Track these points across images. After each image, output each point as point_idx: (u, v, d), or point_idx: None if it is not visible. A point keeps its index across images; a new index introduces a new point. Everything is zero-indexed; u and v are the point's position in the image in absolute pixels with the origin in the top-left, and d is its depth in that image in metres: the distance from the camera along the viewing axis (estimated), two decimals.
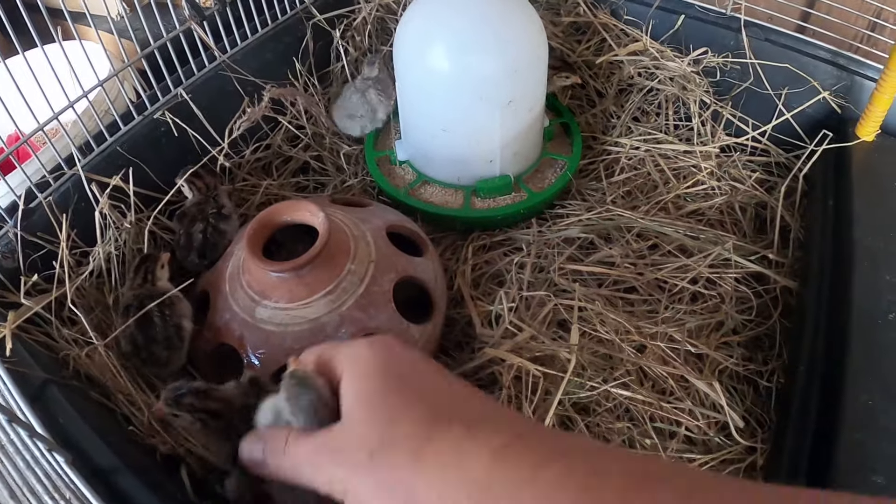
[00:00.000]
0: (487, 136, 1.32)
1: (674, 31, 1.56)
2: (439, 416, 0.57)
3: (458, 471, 0.52)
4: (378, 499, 0.55)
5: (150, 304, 1.03)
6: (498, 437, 0.53)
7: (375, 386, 0.61)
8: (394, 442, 0.56)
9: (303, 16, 1.58)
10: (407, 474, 0.54)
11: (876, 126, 1.33)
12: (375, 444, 0.57)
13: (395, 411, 0.58)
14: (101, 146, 1.22)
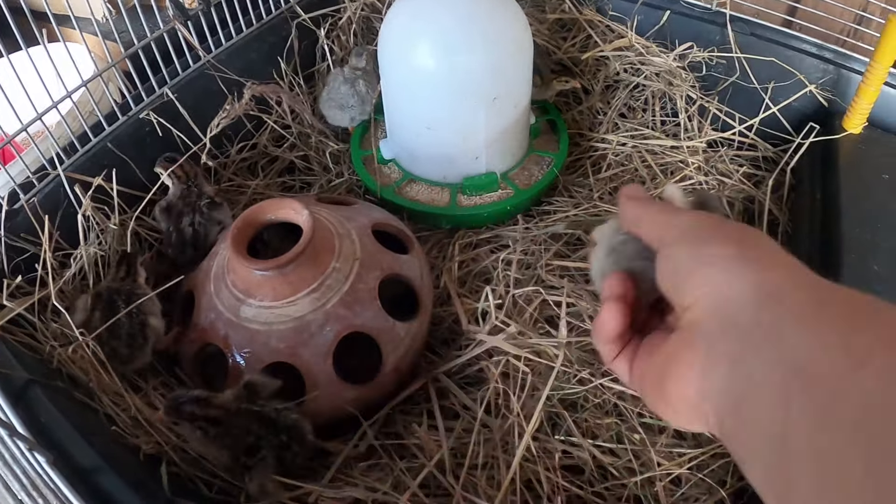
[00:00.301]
0: (473, 133, 1.32)
1: (659, 26, 1.56)
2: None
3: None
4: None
5: (119, 299, 1.03)
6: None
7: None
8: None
9: (287, 15, 1.58)
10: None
11: (863, 118, 1.33)
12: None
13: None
14: (85, 147, 1.22)
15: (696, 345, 0.49)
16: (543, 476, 0.96)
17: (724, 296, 0.47)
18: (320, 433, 1.00)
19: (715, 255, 0.49)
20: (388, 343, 1.03)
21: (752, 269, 0.47)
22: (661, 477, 0.98)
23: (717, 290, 0.48)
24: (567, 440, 1.02)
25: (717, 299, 0.48)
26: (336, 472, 0.98)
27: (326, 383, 0.99)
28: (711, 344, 0.48)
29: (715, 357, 0.47)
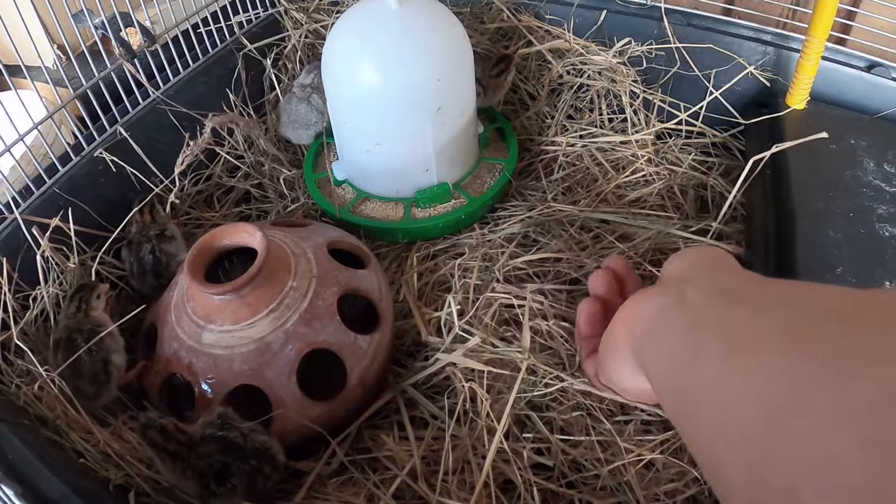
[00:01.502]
0: (421, 146, 1.33)
1: (597, 26, 1.59)
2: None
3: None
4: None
5: (79, 337, 1.03)
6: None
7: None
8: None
9: (233, 47, 1.60)
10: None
11: (805, 94, 1.37)
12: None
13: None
14: (40, 189, 1.23)
15: (650, 288, 0.69)
16: (516, 475, 0.96)
17: (686, 270, 0.67)
18: (290, 453, 1.01)
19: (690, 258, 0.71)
20: (351, 357, 1.04)
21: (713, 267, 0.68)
22: (633, 463, 0.99)
23: (683, 269, 0.71)
24: (537, 438, 1.03)
25: (680, 272, 0.71)
26: (308, 490, 0.99)
27: (292, 401, 1.00)
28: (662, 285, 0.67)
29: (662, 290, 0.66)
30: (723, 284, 0.59)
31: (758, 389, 0.45)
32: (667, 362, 0.59)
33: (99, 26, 1.35)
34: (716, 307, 0.56)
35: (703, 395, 0.51)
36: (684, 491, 0.97)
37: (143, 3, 1.43)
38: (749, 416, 0.45)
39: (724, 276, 0.60)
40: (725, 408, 0.48)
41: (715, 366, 0.51)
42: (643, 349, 0.63)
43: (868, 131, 1.32)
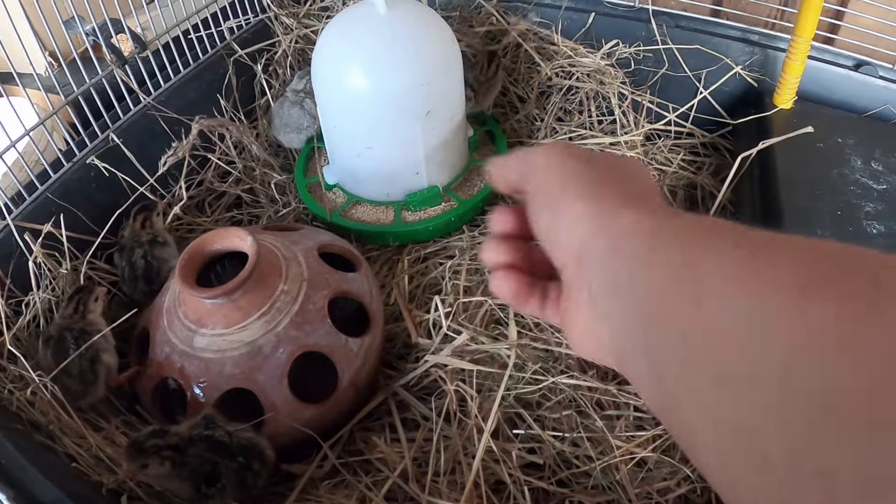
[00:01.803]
0: (411, 149, 1.34)
1: (586, 29, 1.60)
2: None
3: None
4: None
5: (69, 336, 1.05)
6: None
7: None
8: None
9: (224, 53, 1.60)
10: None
11: (792, 93, 1.38)
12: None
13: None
14: (32, 195, 1.23)
15: (576, 299, 0.52)
16: (506, 473, 0.97)
17: (584, 255, 0.50)
18: (282, 456, 1.02)
19: (570, 219, 0.52)
20: (342, 359, 1.05)
21: (603, 225, 0.50)
22: (625, 462, 0.99)
23: (577, 252, 0.51)
24: (527, 436, 1.04)
25: (578, 258, 0.51)
26: (300, 493, 1.00)
27: (284, 404, 1.01)
28: (585, 297, 0.51)
29: (595, 308, 0.50)
30: (637, 287, 0.50)
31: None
32: (641, 331, 0.50)
33: (90, 33, 1.35)
34: (705, 250, 0.48)
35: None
36: (676, 489, 0.97)
37: (134, 10, 1.44)
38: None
39: (624, 258, 0.51)
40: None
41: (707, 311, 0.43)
42: (608, 311, 0.53)
43: (855, 129, 1.34)
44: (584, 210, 0.51)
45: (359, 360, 1.07)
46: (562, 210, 0.53)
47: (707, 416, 0.39)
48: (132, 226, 1.26)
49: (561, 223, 0.52)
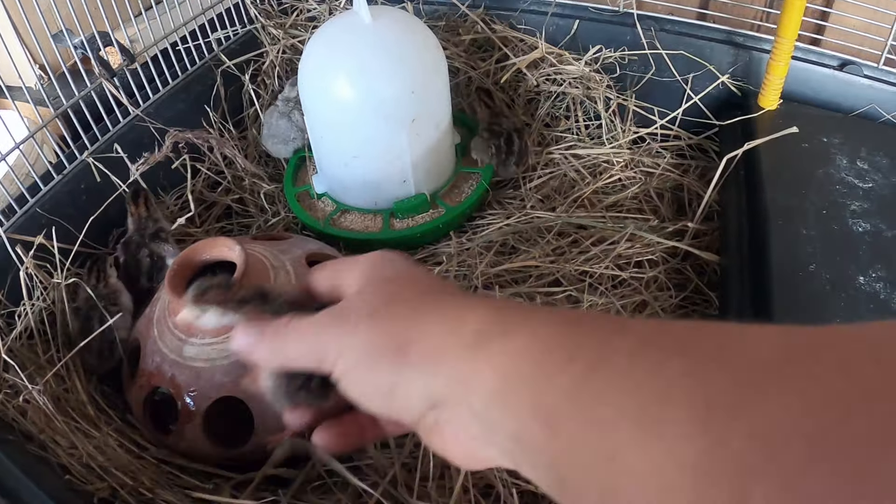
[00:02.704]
0: (398, 157, 1.35)
1: (571, 35, 1.61)
2: (440, 290, 0.56)
3: (456, 322, 0.49)
4: (369, 355, 0.51)
5: (95, 314, 1.13)
6: (494, 302, 0.51)
7: (380, 273, 0.58)
8: (395, 302, 0.53)
9: (212, 64, 1.61)
10: (403, 325, 0.51)
11: (776, 94, 1.40)
12: (379, 304, 0.53)
13: (397, 286, 0.55)
14: (23, 207, 1.24)
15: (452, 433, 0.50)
16: (497, 478, 0.97)
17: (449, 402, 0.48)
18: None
19: (392, 380, 0.50)
20: None
21: (419, 374, 0.48)
22: None
23: (419, 405, 0.49)
24: None
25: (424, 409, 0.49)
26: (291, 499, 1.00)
27: (273, 412, 1.00)
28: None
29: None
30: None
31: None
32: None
33: (79, 46, 1.36)
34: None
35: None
36: None
37: (122, 23, 1.45)
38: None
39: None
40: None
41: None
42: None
43: (841, 129, 1.35)
44: (404, 363, 0.49)
45: None
46: (382, 374, 0.50)
47: None
48: (136, 212, 1.29)
49: (394, 388, 0.50)
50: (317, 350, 0.54)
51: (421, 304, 0.52)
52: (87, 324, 1.13)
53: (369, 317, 0.52)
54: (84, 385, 1.11)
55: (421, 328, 0.49)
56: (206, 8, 1.65)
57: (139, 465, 0.99)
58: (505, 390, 0.43)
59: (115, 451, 1.00)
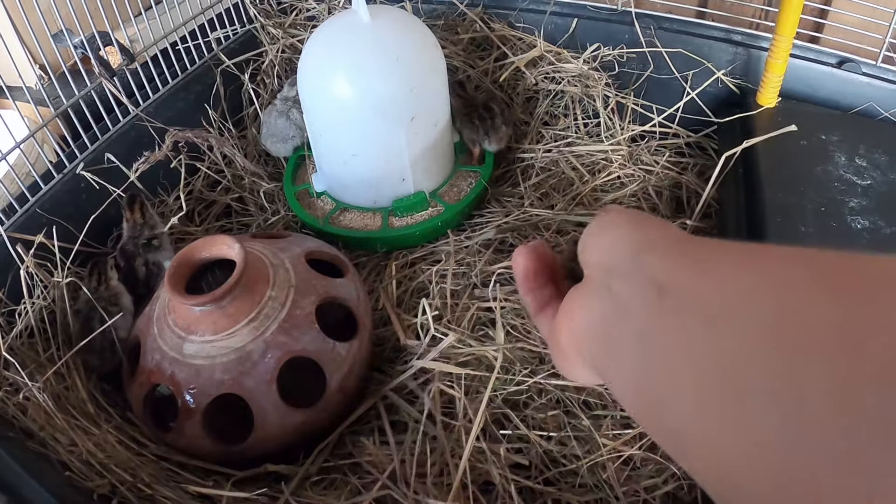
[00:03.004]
0: (396, 155, 1.36)
1: (570, 34, 1.61)
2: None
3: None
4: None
5: (96, 315, 1.14)
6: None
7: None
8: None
9: (211, 63, 1.62)
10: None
11: (775, 92, 1.40)
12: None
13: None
14: (23, 206, 1.25)
15: (582, 290, 0.54)
16: (494, 473, 0.98)
17: (608, 254, 0.52)
18: (271, 459, 1.03)
19: (608, 233, 0.54)
20: (330, 364, 1.06)
21: (633, 235, 0.52)
22: (612, 460, 1.00)
23: (604, 253, 0.53)
24: (514, 435, 1.05)
25: (602, 257, 0.53)
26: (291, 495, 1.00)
27: (273, 409, 1.02)
28: (594, 284, 0.53)
29: (595, 291, 0.53)
30: (651, 268, 0.52)
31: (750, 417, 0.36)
32: (625, 383, 0.51)
33: (78, 46, 1.36)
34: (648, 303, 0.49)
35: (690, 435, 0.42)
36: (663, 487, 0.98)
37: (122, 23, 1.45)
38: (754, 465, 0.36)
39: (648, 255, 0.53)
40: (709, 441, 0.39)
41: (693, 399, 0.41)
42: (597, 364, 0.55)
43: (839, 126, 1.35)
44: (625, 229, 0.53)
45: (347, 364, 1.08)
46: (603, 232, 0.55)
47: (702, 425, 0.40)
48: (131, 218, 1.28)
49: (600, 236, 0.55)
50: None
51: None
52: (88, 325, 1.14)
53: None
54: (84, 383, 1.12)
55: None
56: (206, 7, 1.65)
57: (139, 462, 0.99)
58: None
59: (115, 448, 1.00)
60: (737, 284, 0.41)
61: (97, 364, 1.15)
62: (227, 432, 1.05)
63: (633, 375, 0.47)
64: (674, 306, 0.45)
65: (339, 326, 1.13)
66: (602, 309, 0.52)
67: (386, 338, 1.23)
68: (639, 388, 0.47)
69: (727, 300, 0.41)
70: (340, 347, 1.08)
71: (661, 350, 0.44)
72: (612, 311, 0.51)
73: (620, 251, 0.52)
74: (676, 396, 0.42)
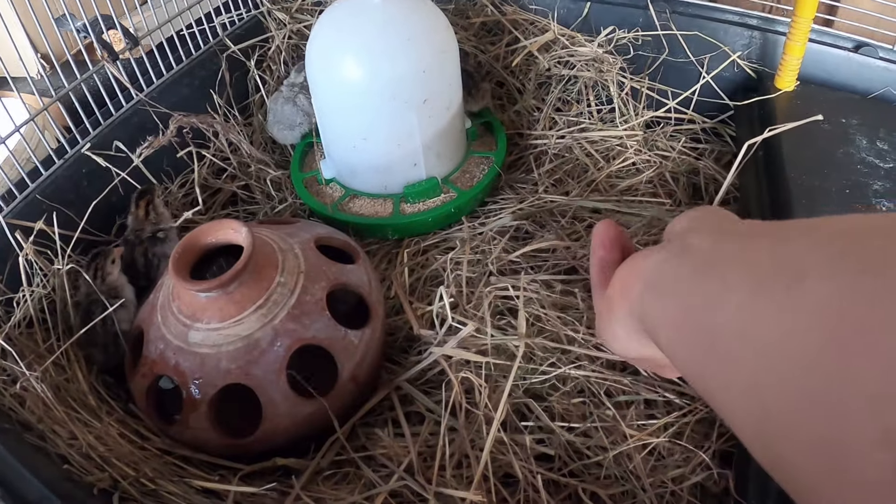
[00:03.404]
0: (408, 139, 1.32)
1: (583, 17, 1.58)
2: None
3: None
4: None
5: (97, 308, 1.09)
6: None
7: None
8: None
9: (217, 49, 1.59)
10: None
11: (794, 75, 1.37)
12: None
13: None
14: (23, 192, 1.22)
15: (650, 248, 0.62)
16: (517, 465, 0.94)
17: (696, 222, 0.60)
18: (280, 454, 1.00)
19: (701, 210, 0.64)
20: (341, 352, 1.02)
21: (724, 219, 0.60)
22: (637, 450, 0.97)
23: (693, 221, 0.61)
24: (537, 426, 1.01)
25: (690, 224, 0.61)
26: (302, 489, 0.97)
27: (282, 400, 0.98)
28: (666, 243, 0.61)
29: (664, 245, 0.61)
30: (731, 228, 0.55)
31: (809, 317, 0.37)
32: (676, 314, 0.52)
33: (81, 30, 1.33)
34: (729, 244, 0.49)
35: (731, 342, 0.43)
36: (690, 477, 0.95)
37: (128, 12, 1.42)
38: (803, 350, 0.37)
39: (730, 224, 0.56)
40: (766, 350, 0.40)
41: (740, 303, 0.43)
42: (645, 307, 0.57)
43: (859, 110, 1.32)
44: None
45: (359, 352, 1.04)
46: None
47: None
48: (136, 213, 1.25)
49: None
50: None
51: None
52: (89, 318, 1.10)
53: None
54: (85, 375, 1.08)
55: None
56: None
57: (142, 456, 0.96)
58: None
59: (117, 442, 0.97)
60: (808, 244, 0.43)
61: (101, 359, 1.11)
62: (234, 424, 1.01)
63: (682, 306, 0.51)
64: (737, 240, 0.51)
65: (351, 314, 1.09)
66: (666, 254, 0.58)
67: (398, 327, 1.20)
68: (687, 313, 0.50)
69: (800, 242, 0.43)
70: (352, 335, 1.04)
71: (722, 264, 0.49)
72: (677, 252, 0.56)
73: (708, 222, 0.58)
74: (725, 299, 0.45)
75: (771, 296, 0.41)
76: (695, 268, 0.51)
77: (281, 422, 0.98)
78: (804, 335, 0.37)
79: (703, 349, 0.47)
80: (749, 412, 0.41)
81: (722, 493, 0.95)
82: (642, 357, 0.72)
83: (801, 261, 0.41)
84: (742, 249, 0.49)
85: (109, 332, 1.10)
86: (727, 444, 0.98)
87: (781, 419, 0.38)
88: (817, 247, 0.41)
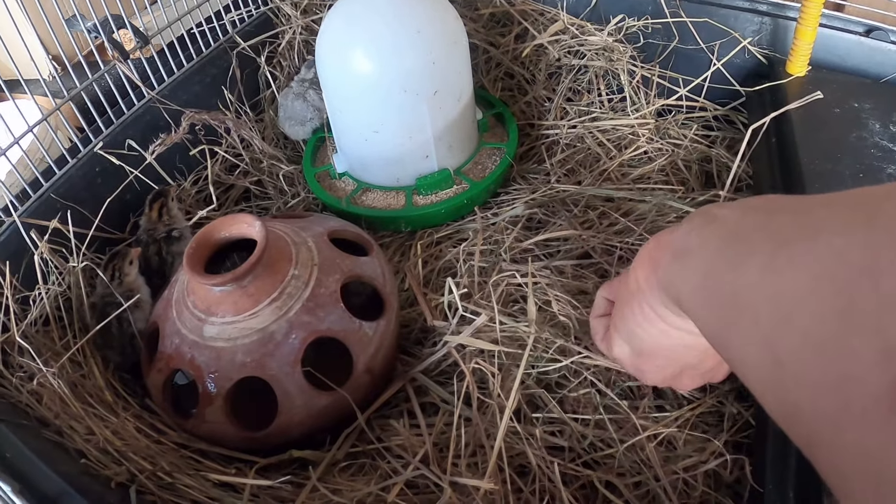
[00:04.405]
0: (419, 130, 1.33)
1: (592, 7, 1.58)
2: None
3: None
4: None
5: (112, 310, 1.10)
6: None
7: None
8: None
9: (227, 46, 1.59)
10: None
11: (805, 60, 1.36)
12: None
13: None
14: (37, 192, 1.22)
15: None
16: (531, 455, 0.94)
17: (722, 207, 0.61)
18: (296, 446, 1.00)
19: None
20: (356, 344, 1.02)
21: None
22: (649, 439, 0.97)
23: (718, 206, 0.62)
24: (548, 418, 1.01)
25: (716, 208, 0.61)
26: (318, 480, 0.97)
27: (298, 392, 0.98)
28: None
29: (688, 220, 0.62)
30: (757, 204, 0.56)
31: (823, 267, 0.40)
32: (701, 275, 0.53)
33: (91, 30, 1.34)
34: (754, 217, 0.52)
35: (751, 298, 0.46)
36: (703, 465, 0.95)
37: (137, 10, 1.43)
38: (817, 298, 0.40)
39: (758, 201, 0.57)
40: (783, 302, 0.43)
41: (762, 263, 0.46)
42: (671, 276, 0.59)
43: (871, 94, 1.31)
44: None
45: (374, 344, 1.04)
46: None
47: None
48: (149, 214, 1.26)
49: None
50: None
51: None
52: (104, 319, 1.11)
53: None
54: (102, 371, 1.09)
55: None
56: None
57: (158, 450, 0.97)
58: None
59: (134, 436, 0.97)
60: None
61: (118, 360, 1.12)
62: (249, 417, 1.01)
63: (707, 268, 0.54)
64: (763, 214, 0.52)
65: (365, 306, 1.09)
66: (693, 225, 0.59)
67: (413, 319, 1.20)
68: (712, 274, 0.53)
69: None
70: (367, 327, 1.04)
71: (748, 232, 0.50)
72: (703, 223, 0.58)
73: (737, 202, 0.59)
74: (749, 261, 0.48)
75: (790, 254, 0.44)
76: (721, 236, 0.54)
77: (296, 414, 0.98)
78: (817, 283, 0.40)
79: (725, 306, 0.50)
80: (763, 363, 0.44)
81: (735, 481, 0.94)
82: (660, 347, 0.73)
83: (819, 223, 0.44)
84: (768, 220, 0.51)
85: (126, 333, 1.11)
86: (739, 436, 0.97)
87: (793, 367, 0.41)
88: (835, 210, 0.44)
